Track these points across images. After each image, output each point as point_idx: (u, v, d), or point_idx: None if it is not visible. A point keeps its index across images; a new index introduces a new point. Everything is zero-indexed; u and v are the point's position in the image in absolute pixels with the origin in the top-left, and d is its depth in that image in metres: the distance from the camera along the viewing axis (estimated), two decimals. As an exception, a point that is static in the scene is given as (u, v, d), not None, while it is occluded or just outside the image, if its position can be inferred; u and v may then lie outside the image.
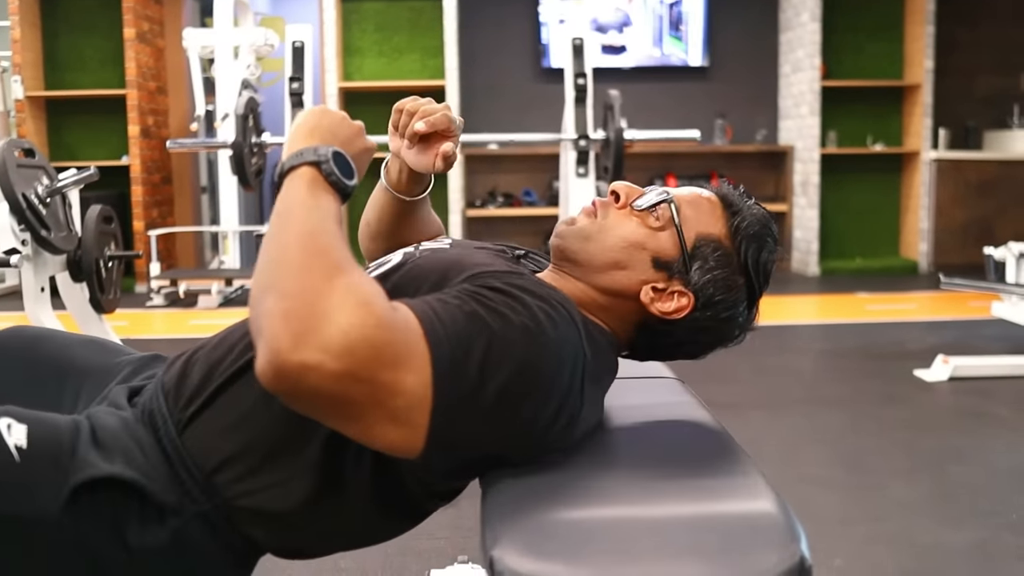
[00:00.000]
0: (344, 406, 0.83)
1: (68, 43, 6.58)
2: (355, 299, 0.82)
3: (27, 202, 3.36)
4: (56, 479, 0.97)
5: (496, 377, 0.90)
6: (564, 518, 0.85)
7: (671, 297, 1.08)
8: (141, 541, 1.00)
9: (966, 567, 1.98)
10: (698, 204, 1.11)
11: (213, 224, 7.03)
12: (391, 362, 0.83)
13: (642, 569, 0.78)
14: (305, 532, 1.07)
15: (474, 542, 1.92)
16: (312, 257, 0.85)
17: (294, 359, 0.78)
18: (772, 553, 0.79)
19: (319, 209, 0.91)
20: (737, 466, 0.95)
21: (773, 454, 2.70)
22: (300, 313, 0.80)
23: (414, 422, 0.86)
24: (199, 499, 1.02)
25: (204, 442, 1.05)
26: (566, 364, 0.96)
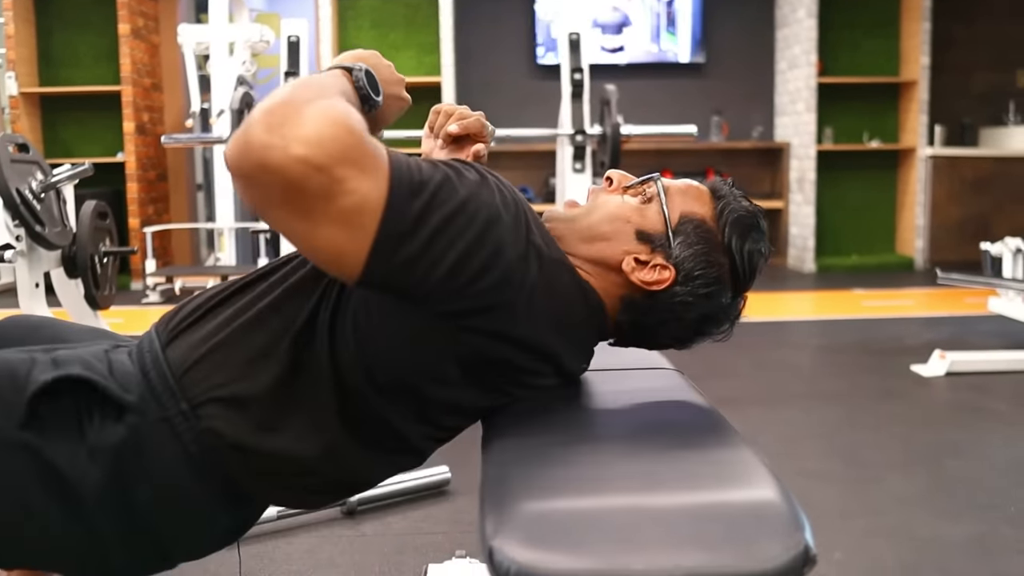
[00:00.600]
0: (297, 193, 0.83)
1: (62, 39, 6.55)
2: (336, 111, 0.85)
3: (21, 197, 3.34)
4: (13, 400, 0.99)
5: (442, 208, 0.91)
6: (565, 508, 0.84)
7: (653, 269, 1.09)
8: (99, 438, 1.00)
9: (964, 560, 1.97)
10: (687, 190, 1.14)
11: (209, 221, 7.00)
12: (352, 162, 0.84)
13: (645, 559, 0.77)
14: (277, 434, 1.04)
15: (471, 537, 1.92)
16: (311, 88, 0.89)
17: (262, 139, 0.81)
18: (776, 542, 0.79)
19: (335, 85, 0.98)
20: (739, 455, 0.94)
21: (772, 448, 2.69)
22: (281, 111, 0.83)
23: (362, 227, 0.86)
24: (166, 403, 1.03)
25: (183, 351, 1.07)
26: (506, 220, 0.98)
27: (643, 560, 0.77)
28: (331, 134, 0.83)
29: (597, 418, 1.05)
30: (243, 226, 6.39)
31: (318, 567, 1.89)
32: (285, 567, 1.85)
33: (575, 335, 1.10)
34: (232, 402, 1.03)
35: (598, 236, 1.12)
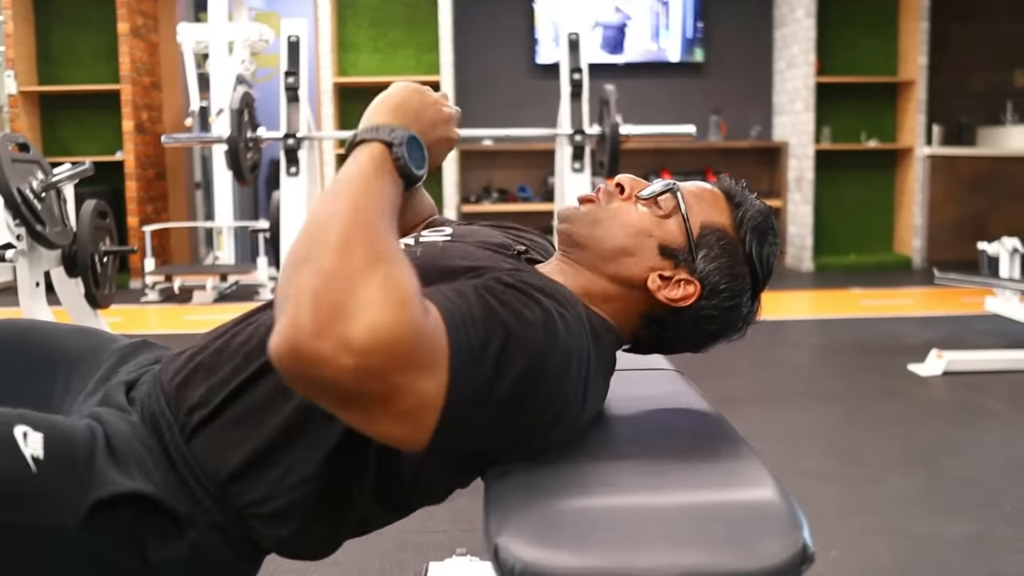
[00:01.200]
0: (351, 400, 0.80)
1: (61, 38, 6.56)
2: (393, 296, 0.79)
3: (22, 197, 3.35)
4: (74, 491, 0.95)
5: (508, 373, 0.89)
6: (569, 507, 0.85)
7: (678, 285, 1.08)
8: (161, 555, 0.98)
9: (961, 559, 1.99)
10: (702, 195, 1.12)
11: (208, 220, 7.01)
12: (411, 366, 0.80)
13: (647, 557, 0.79)
14: (310, 536, 1.07)
15: (472, 535, 1.93)
16: (358, 237, 0.81)
17: (312, 346, 0.75)
18: (775, 541, 0.80)
19: (379, 190, 0.89)
20: (739, 456, 0.96)
21: (771, 448, 2.71)
22: (332, 298, 0.77)
23: (422, 421, 0.84)
24: (211, 510, 1.01)
25: (212, 453, 1.03)
26: (573, 363, 0.95)
27: (645, 559, 0.78)
28: (388, 337, 0.77)
29: (601, 420, 1.07)
30: (242, 225, 6.40)
31: (320, 565, 1.90)
32: (287, 565, 1.86)
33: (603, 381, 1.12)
34: (272, 518, 1.03)
35: (620, 251, 1.09)
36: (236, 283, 6.02)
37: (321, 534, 1.07)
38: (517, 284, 0.95)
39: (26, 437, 0.95)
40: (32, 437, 0.96)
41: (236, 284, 6.02)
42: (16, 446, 0.94)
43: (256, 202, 7.81)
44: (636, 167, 6.97)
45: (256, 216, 7.51)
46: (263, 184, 7.57)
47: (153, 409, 1.08)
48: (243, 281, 6.01)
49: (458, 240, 1.22)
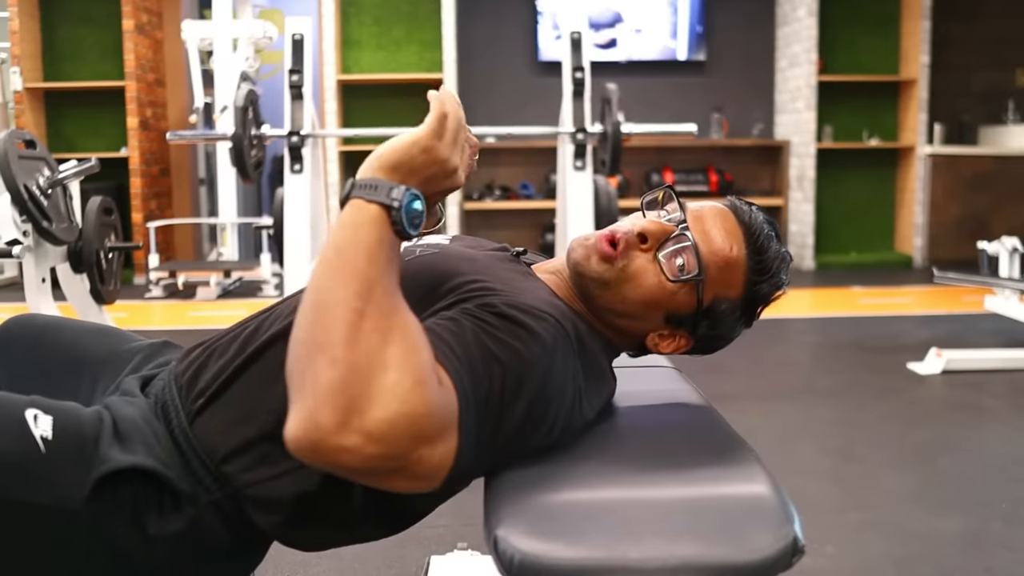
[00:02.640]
0: (371, 476, 0.85)
1: (67, 35, 6.59)
2: (410, 379, 0.82)
3: (29, 193, 3.38)
4: (80, 471, 0.99)
5: (512, 415, 0.94)
6: (565, 500, 0.88)
7: (673, 340, 1.13)
8: (160, 529, 1.02)
9: (955, 555, 2.02)
10: (725, 267, 1.09)
11: (211, 216, 7.04)
12: (428, 441, 0.85)
13: (641, 549, 0.81)
14: (306, 525, 1.10)
15: (473, 530, 1.95)
16: (368, 317, 0.84)
17: (334, 441, 0.79)
18: (767, 534, 0.83)
19: (382, 261, 0.90)
20: (734, 451, 0.98)
21: (768, 444, 2.71)
22: (350, 392, 0.80)
23: (435, 477, 0.89)
24: (211, 488, 1.05)
25: (213, 433, 1.07)
26: (568, 385, 1.01)
27: (639, 550, 0.81)
28: (406, 424, 0.81)
29: (598, 416, 1.09)
30: (245, 221, 6.43)
31: (322, 558, 1.93)
32: (291, 557, 1.90)
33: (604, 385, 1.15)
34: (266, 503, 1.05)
35: (628, 314, 1.11)
36: (240, 279, 6.05)
37: (314, 529, 1.10)
38: (508, 314, 0.98)
39: (36, 419, 1.00)
40: (42, 420, 1.00)
41: (240, 280, 6.05)
42: (27, 428, 0.99)
43: (260, 198, 7.84)
44: (638, 164, 6.99)
45: (260, 212, 7.54)
46: (266, 181, 7.60)
47: (165, 399, 1.12)
48: (247, 277, 6.04)
49: (457, 242, 1.25)
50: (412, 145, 0.96)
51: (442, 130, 0.97)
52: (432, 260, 1.15)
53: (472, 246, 1.27)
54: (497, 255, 1.23)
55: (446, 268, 1.11)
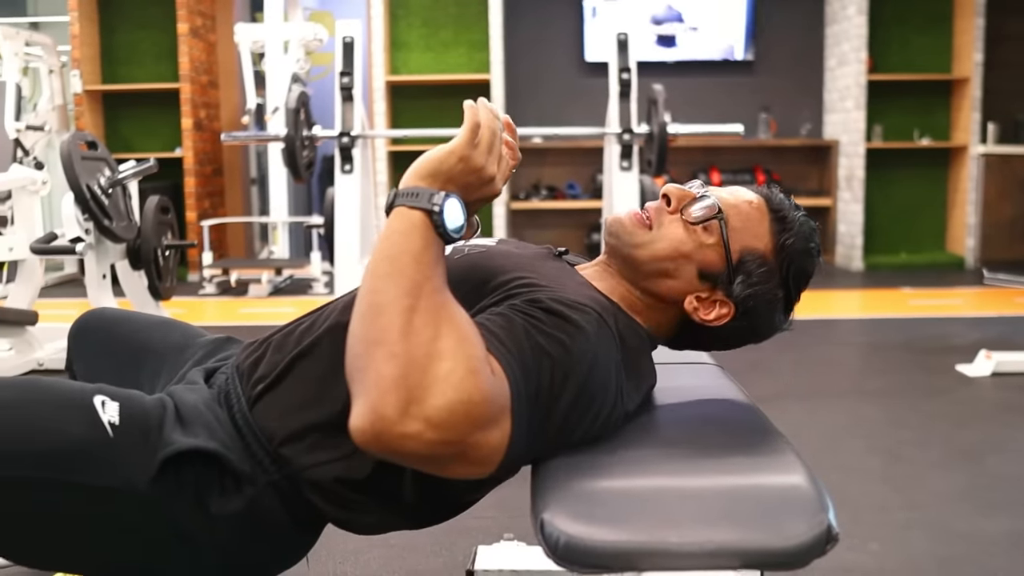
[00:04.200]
0: (430, 462, 0.91)
1: (124, 38, 6.76)
2: (464, 367, 0.88)
3: (91, 193, 3.50)
4: (145, 454, 1.06)
5: (560, 404, 0.99)
6: (609, 487, 0.92)
7: (713, 305, 1.15)
8: (221, 509, 1.08)
9: (1000, 555, 2.02)
10: (747, 216, 1.16)
11: (262, 215, 7.18)
12: (482, 426, 0.90)
13: (681, 534, 0.85)
14: (358, 508, 1.15)
15: (518, 522, 2.00)
16: (420, 312, 0.90)
17: (397, 430, 0.85)
18: (802, 522, 0.86)
19: (430, 265, 0.95)
20: (772, 443, 1.02)
21: (813, 444, 2.74)
22: (409, 382, 0.86)
23: (490, 462, 0.94)
24: (270, 469, 1.11)
25: (272, 418, 1.13)
26: (612, 376, 1.05)
27: (679, 535, 0.85)
28: (463, 410, 0.87)
29: (641, 409, 1.13)
30: (297, 220, 6.54)
31: (373, 546, 1.99)
32: (342, 546, 1.96)
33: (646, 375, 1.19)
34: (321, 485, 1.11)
35: (661, 273, 1.16)
36: (290, 277, 6.16)
37: (368, 512, 1.15)
38: (554, 309, 1.03)
39: (104, 406, 1.07)
40: (110, 406, 1.07)
41: (290, 278, 6.17)
42: (95, 414, 1.06)
43: (309, 197, 7.97)
44: (685, 164, 6.98)
45: (309, 211, 7.66)
46: (316, 180, 7.72)
47: (227, 388, 1.19)
48: (297, 275, 6.16)
49: (502, 244, 1.30)
50: (449, 154, 1.01)
51: (476, 139, 1.02)
52: (479, 258, 1.20)
53: (517, 247, 1.31)
54: (541, 253, 1.28)
55: (493, 266, 1.16)
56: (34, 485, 1.03)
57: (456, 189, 1.01)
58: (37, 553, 1.15)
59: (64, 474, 1.03)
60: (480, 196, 1.05)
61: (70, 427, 1.05)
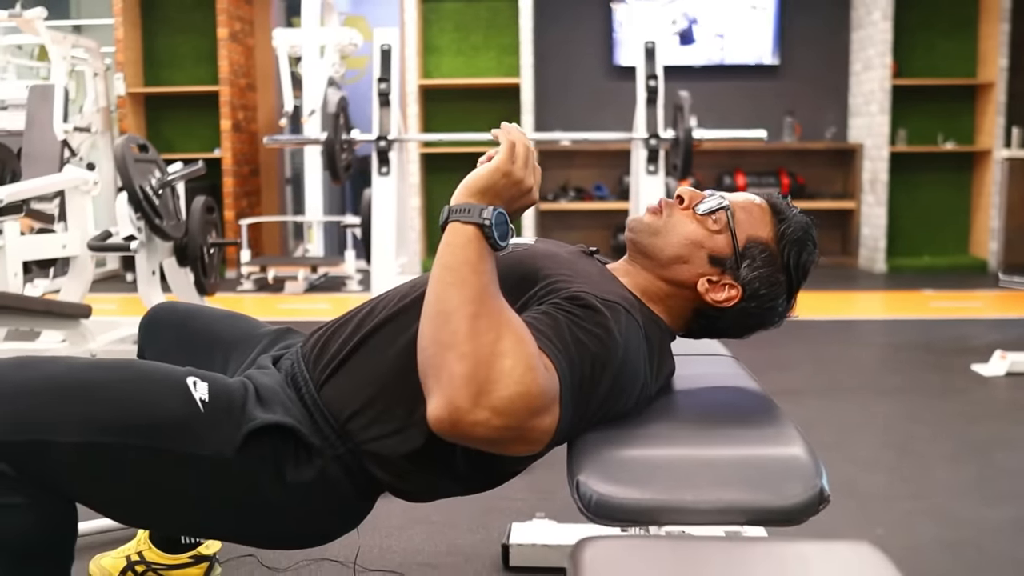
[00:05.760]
0: (494, 444, 1.07)
1: (166, 42, 6.99)
2: (523, 364, 1.03)
3: (143, 193, 3.70)
4: (231, 427, 1.23)
5: (599, 389, 1.15)
6: (634, 455, 1.08)
7: (723, 288, 1.32)
8: (295, 477, 1.25)
9: (1002, 540, 2.14)
10: (750, 210, 1.34)
11: (297, 214, 7.38)
12: (538, 412, 1.06)
13: (696, 494, 1.01)
14: (412, 477, 1.31)
15: (550, 502, 2.16)
16: (483, 317, 1.06)
17: (469, 418, 1.01)
18: (799, 485, 1.02)
19: (484, 269, 1.11)
20: (776, 421, 1.17)
21: (826, 437, 2.87)
22: (478, 378, 1.01)
23: (541, 442, 1.10)
24: (336, 444, 1.28)
25: (336, 399, 1.30)
26: (642, 363, 1.22)
27: (694, 495, 1.01)
28: (523, 402, 1.02)
29: (661, 392, 1.29)
30: (332, 220, 6.73)
31: (415, 522, 2.16)
32: (386, 522, 2.13)
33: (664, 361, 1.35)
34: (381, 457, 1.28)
35: (676, 259, 1.32)
36: (325, 274, 6.35)
37: (422, 480, 1.31)
38: (591, 304, 1.19)
39: (195, 385, 1.25)
40: (200, 385, 1.25)
41: (325, 275, 6.36)
42: (189, 392, 1.23)
43: (343, 197, 8.15)
44: (711, 167, 7.11)
45: (343, 211, 7.84)
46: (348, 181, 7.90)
47: (294, 372, 1.36)
48: (332, 273, 6.35)
49: (540, 243, 1.47)
50: (494, 172, 1.18)
51: (515, 156, 1.19)
52: (522, 256, 1.36)
53: (555, 246, 1.47)
54: (575, 252, 1.44)
55: (535, 264, 1.33)
56: (137, 452, 1.20)
57: (501, 202, 1.18)
58: (136, 512, 1.32)
59: (163, 443, 1.20)
60: (521, 205, 1.22)
61: (168, 403, 1.22)
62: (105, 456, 1.20)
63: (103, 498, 1.27)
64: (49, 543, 1.28)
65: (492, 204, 1.16)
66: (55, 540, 1.28)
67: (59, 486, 1.22)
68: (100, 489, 1.25)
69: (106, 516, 1.31)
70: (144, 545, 1.85)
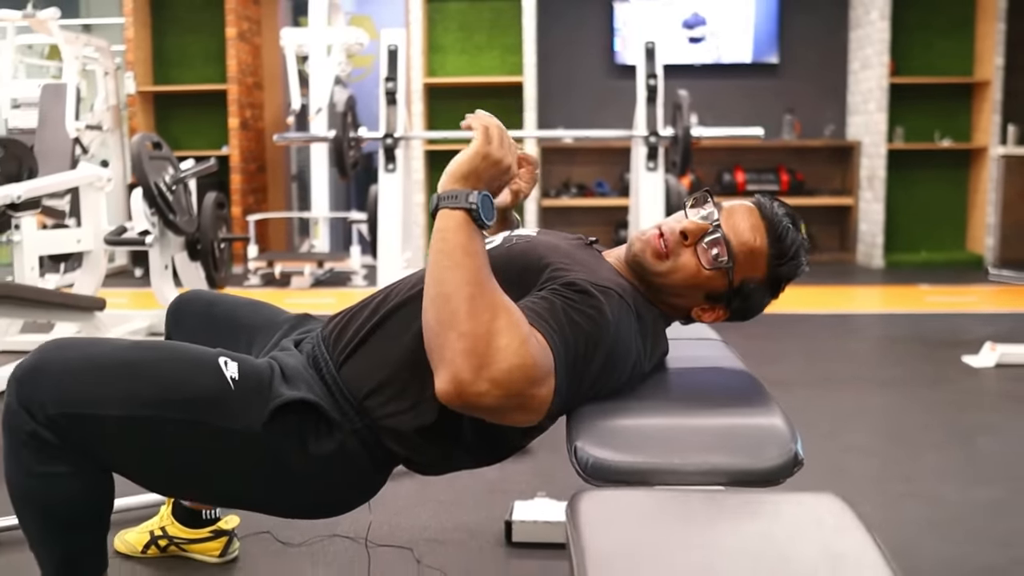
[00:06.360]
0: (497, 412, 1.18)
1: (175, 42, 7.10)
2: (516, 341, 1.13)
3: (157, 189, 3.81)
4: (260, 403, 1.34)
5: (592, 365, 1.25)
6: (627, 424, 1.19)
7: (712, 311, 1.44)
8: (317, 449, 1.36)
9: (983, 518, 2.25)
10: (750, 253, 1.39)
11: (302, 210, 7.49)
12: (534, 383, 1.16)
13: (682, 457, 1.11)
14: (425, 451, 1.42)
15: (551, 484, 2.27)
16: (479, 299, 1.16)
17: (472, 390, 1.12)
18: (776, 450, 1.12)
19: (475, 250, 1.21)
20: (757, 395, 1.27)
21: (819, 425, 2.98)
22: (477, 353, 1.12)
23: (539, 411, 1.21)
24: (354, 419, 1.38)
25: (355, 378, 1.40)
26: (633, 343, 1.32)
27: (681, 458, 1.11)
28: (520, 373, 1.13)
29: (655, 370, 1.39)
30: (337, 216, 6.84)
31: (423, 502, 2.27)
32: (395, 502, 2.23)
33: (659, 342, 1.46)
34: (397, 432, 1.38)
35: (675, 294, 1.42)
36: (331, 270, 6.46)
37: (435, 453, 1.42)
38: (586, 290, 1.29)
39: (227, 364, 1.36)
40: (231, 365, 1.36)
41: (331, 271, 6.47)
42: (221, 371, 1.34)
43: (348, 194, 8.26)
44: (711, 164, 7.21)
45: (348, 207, 7.95)
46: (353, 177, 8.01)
47: (315, 354, 1.46)
48: (337, 268, 6.45)
49: (543, 234, 1.57)
50: (475, 156, 1.27)
51: (490, 137, 1.28)
52: (526, 246, 1.47)
53: (556, 237, 1.58)
54: (575, 243, 1.55)
55: (537, 254, 1.43)
56: (174, 425, 1.31)
57: (483, 184, 1.27)
58: (169, 482, 1.44)
59: (198, 416, 1.31)
60: (502, 183, 1.31)
61: (202, 380, 1.33)
62: (145, 429, 1.31)
63: (139, 468, 1.38)
64: (91, 511, 1.39)
65: (476, 187, 1.25)
66: (96, 508, 1.39)
67: (100, 457, 1.33)
68: (137, 460, 1.36)
69: (140, 485, 1.41)
70: (167, 520, 1.96)
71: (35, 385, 1.29)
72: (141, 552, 1.97)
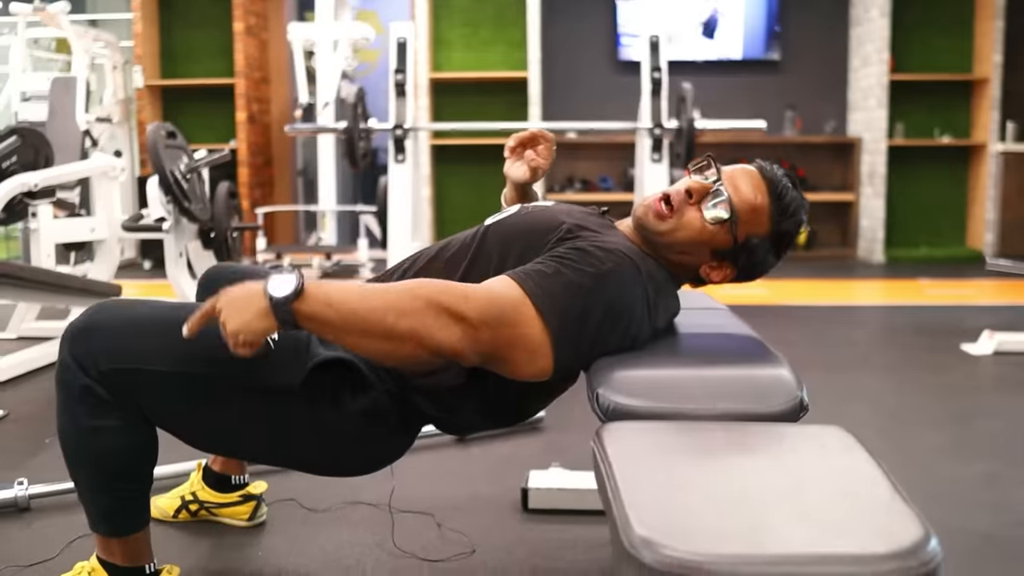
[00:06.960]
0: (500, 357, 1.28)
1: (182, 36, 7.18)
2: (458, 296, 1.26)
3: (173, 177, 3.89)
4: (297, 363, 1.43)
5: (592, 317, 1.33)
6: (644, 374, 1.27)
7: (720, 270, 1.50)
8: (352, 405, 1.45)
9: (972, 490, 2.33)
10: (752, 209, 1.47)
11: (309, 203, 7.57)
12: (509, 320, 1.26)
13: (695, 403, 1.20)
14: (452, 410, 1.50)
15: (563, 455, 2.35)
16: (407, 305, 1.25)
17: (470, 337, 1.25)
18: (783, 397, 1.21)
19: (351, 296, 1.26)
20: (766, 352, 1.36)
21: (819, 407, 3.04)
22: (450, 318, 1.24)
23: (542, 352, 1.29)
24: (386, 380, 1.47)
25: None
26: (638, 301, 1.39)
27: (694, 404, 1.20)
28: (494, 311, 1.26)
29: (667, 330, 1.48)
30: (345, 209, 6.93)
31: (439, 476, 2.35)
32: (414, 474, 2.32)
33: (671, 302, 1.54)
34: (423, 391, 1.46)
35: (683, 252, 1.48)
36: (339, 262, 6.55)
37: (464, 412, 1.51)
38: (589, 250, 1.37)
39: None
40: None
41: (339, 263, 6.55)
42: None
43: (354, 187, 8.35)
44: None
45: (355, 200, 8.03)
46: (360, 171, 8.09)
47: None
48: (345, 260, 6.54)
49: (558, 205, 1.66)
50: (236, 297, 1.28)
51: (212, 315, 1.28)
52: (541, 212, 1.56)
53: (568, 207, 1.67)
54: (588, 211, 1.63)
55: (554, 217, 1.52)
56: (217, 381, 1.40)
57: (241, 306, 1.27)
58: (210, 436, 1.52)
59: (239, 373, 1.39)
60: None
61: None
62: (189, 384, 1.40)
63: (183, 423, 1.47)
64: (137, 463, 1.48)
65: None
66: (142, 461, 1.48)
67: (146, 410, 1.42)
68: (181, 414, 1.44)
69: (182, 439, 1.50)
70: (197, 486, 2.05)
71: (88, 342, 1.38)
72: (172, 516, 2.05)
